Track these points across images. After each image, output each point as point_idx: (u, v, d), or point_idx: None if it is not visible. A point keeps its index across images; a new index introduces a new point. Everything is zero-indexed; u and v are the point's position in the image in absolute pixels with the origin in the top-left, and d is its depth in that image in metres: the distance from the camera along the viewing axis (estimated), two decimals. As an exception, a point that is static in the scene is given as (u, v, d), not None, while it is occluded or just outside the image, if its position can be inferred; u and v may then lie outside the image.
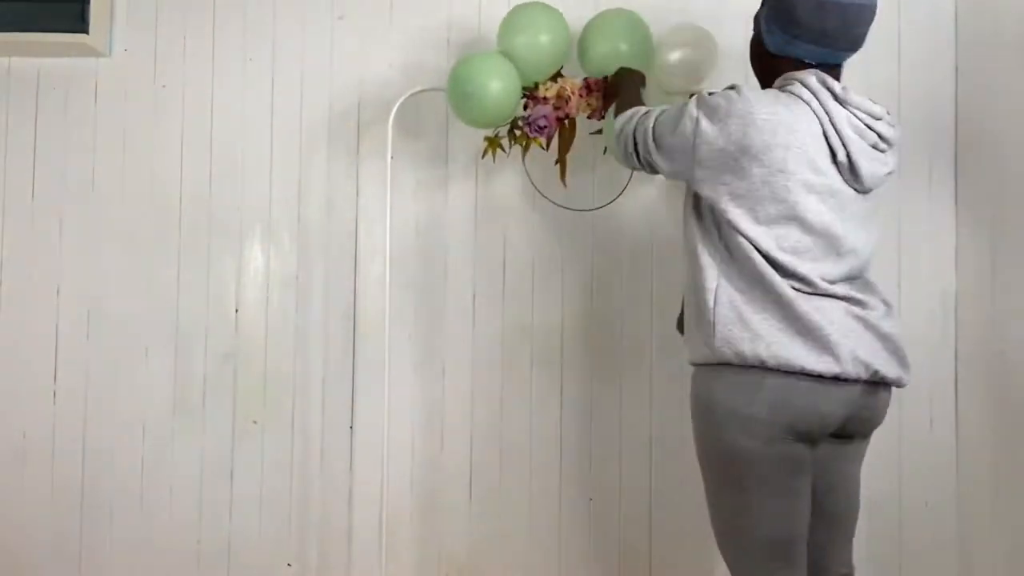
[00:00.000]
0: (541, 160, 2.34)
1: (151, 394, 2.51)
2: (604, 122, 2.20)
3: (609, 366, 2.46)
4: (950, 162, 2.41)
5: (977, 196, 2.35)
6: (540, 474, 2.47)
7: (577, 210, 2.41)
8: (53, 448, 2.51)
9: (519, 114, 2.22)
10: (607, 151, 2.26)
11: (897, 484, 2.40)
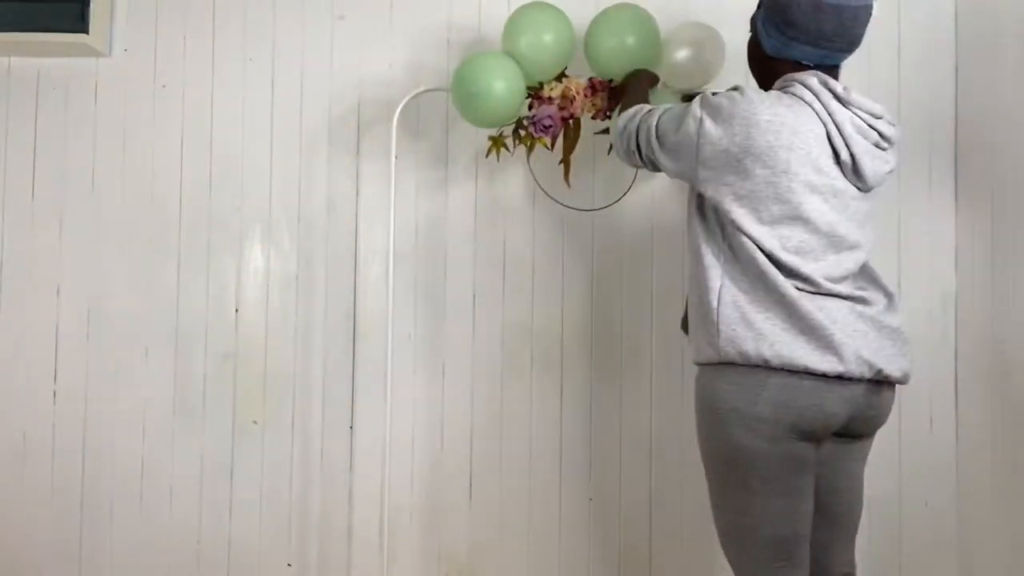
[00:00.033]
0: (544, 160, 2.34)
1: (151, 394, 2.51)
2: (611, 122, 2.20)
3: (609, 366, 2.46)
4: (950, 162, 2.42)
5: (977, 196, 2.35)
6: (540, 474, 2.47)
7: (582, 210, 2.41)
8: (53, 448, 2.51)
9: (524, 114, 2.22)
10: (612, 151, 2.26)
11: (897, 484, 2.40)
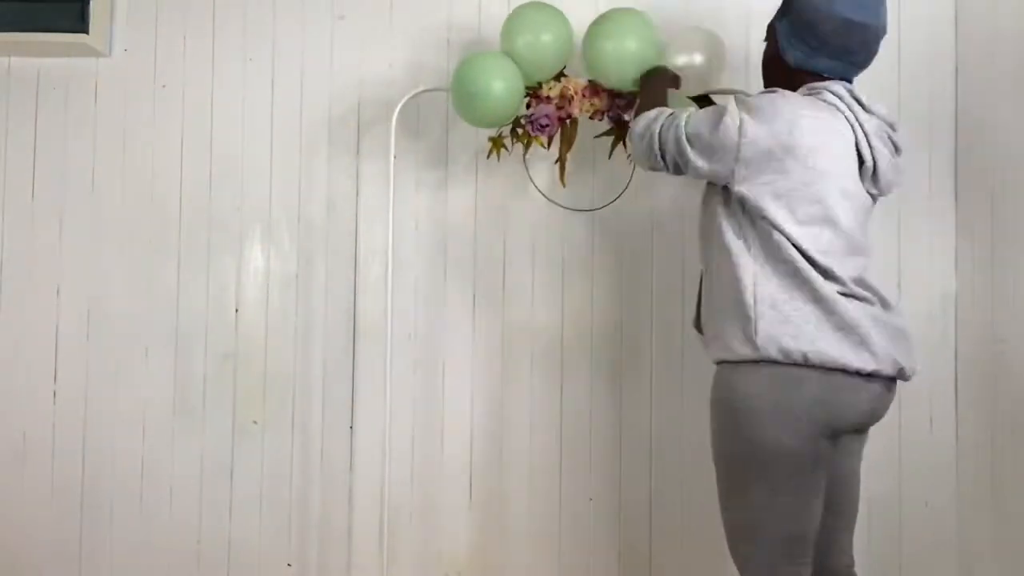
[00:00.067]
0: (543, 160, 2.34)
1: (151, 394, 2.51)
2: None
3: (609, 366, 2.46)
4: (950, 162, 2.42)
5: (977, 196, 2.35)
6: (540, 474, 2.47)
7: (579, 210, 2.41)
8: (53, 448, 2.51)
9: (522, 113, 2.22)
10: (612, 154, 2.26)
11: (897, 484, 2.40)
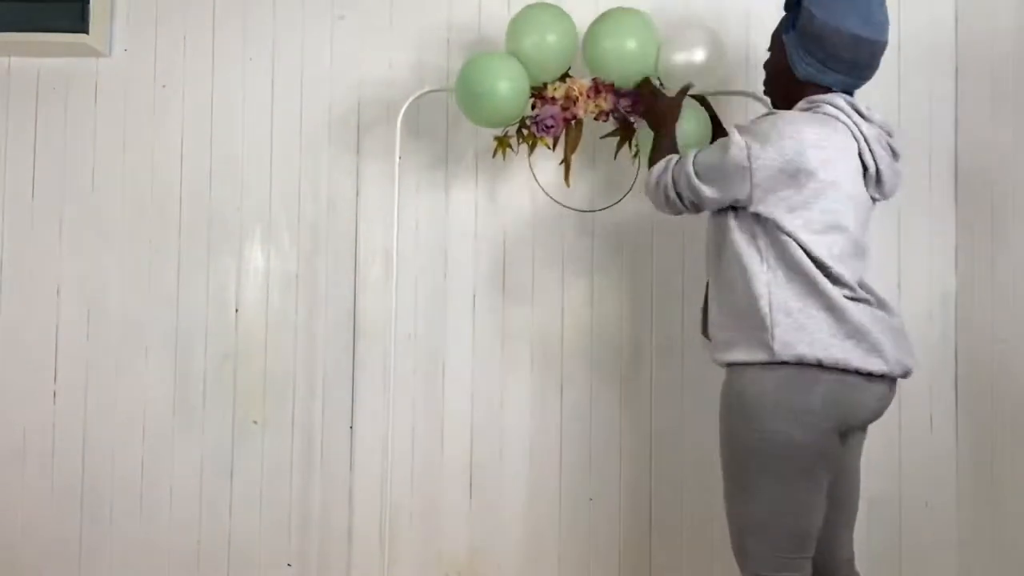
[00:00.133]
0: (546, 160, 2.34)
1: (151, 394, 2.51)
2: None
3: (609, 366, 2.46)
4: (950, 162, 2.42)
5: (977, 196, 2.35)
6: (540, 474, 2.47)
7: (584, 211, 2.41)
8: (53, 448, 2.51)
9: (527, 114, 2.22)
10: (617, 154, 2.26)
11: (897, 484, 2.40)
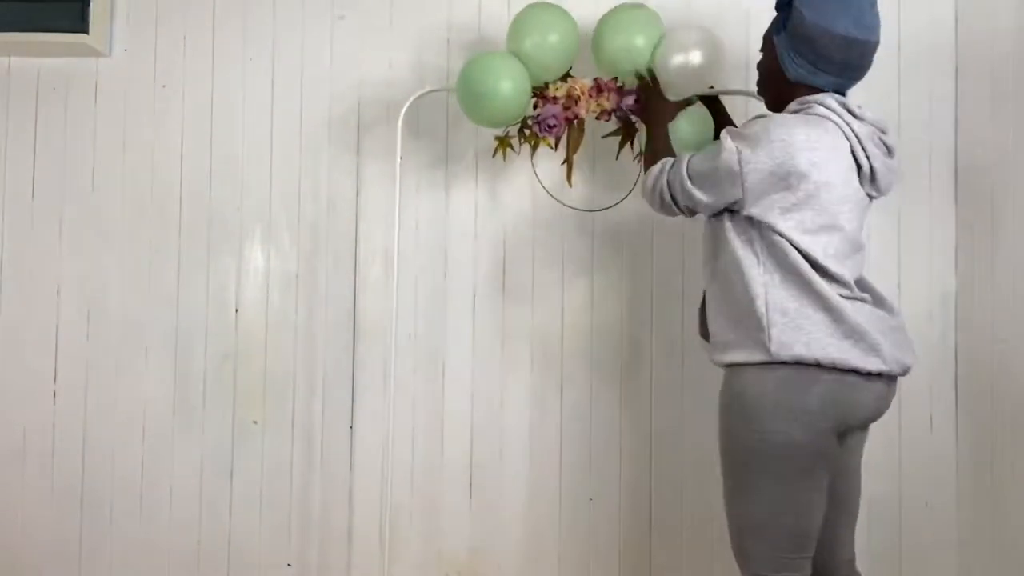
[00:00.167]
0: (547, 160, 2.34)
1: (151, 394, 2.51)
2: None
3: (609, 366, 2.46)
4: (950, 162, 2.42)
5: (977, 196, 2.35)
6: (540, 474, 2.47)
7: (584, 210, 2.41)
8: (53, 448, 2.51)
9: (529, 113, 2.22)
10: (619, 155, 2.26)
11: (897, 484, 2.40)
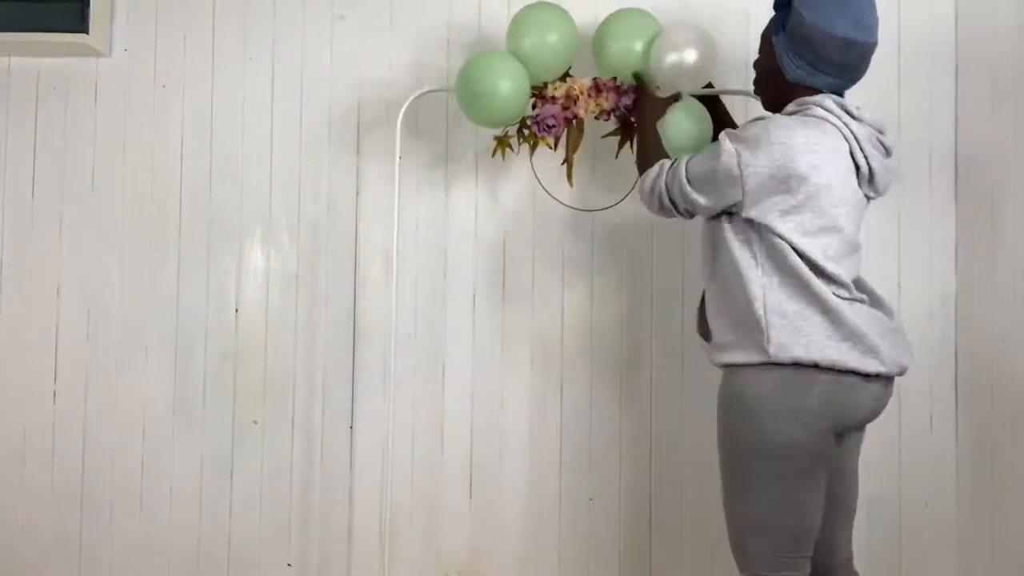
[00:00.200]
0: (546, 160, 2.34)
1: (151, 394, 2.51)
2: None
3: (609, 366, 2.46)
4: (950, 162, 2.42)
5: (977, 196, 2.35)
6: (540, 474, 2.47)
7: (584, 210, 2.41)
8: (53, 448, 2.51)
9: (528, 113, 2.22)
10: (618, 154, 2.26)
11: (897, 484, 2.40)
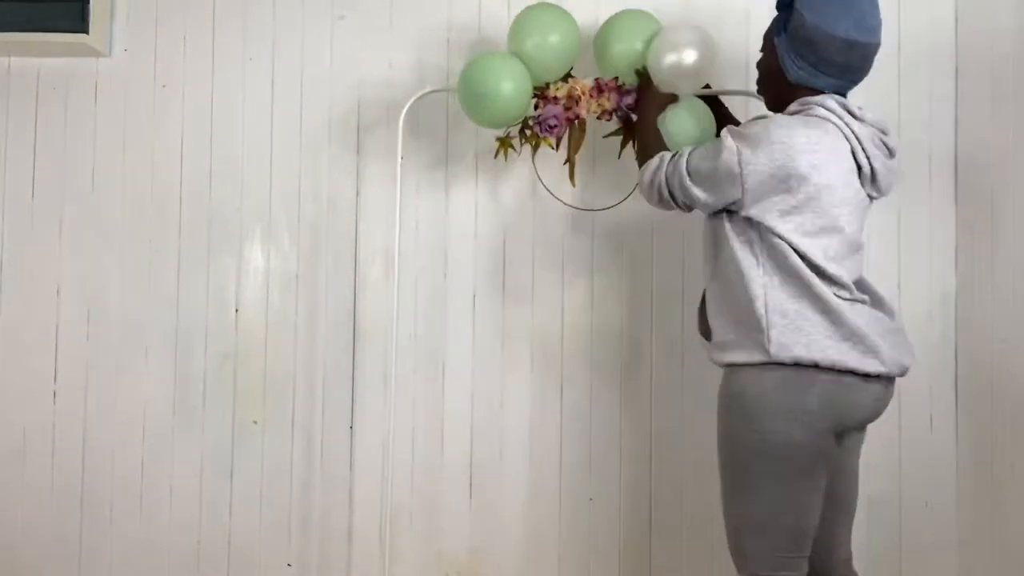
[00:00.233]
0: (547, 160, 2.34)
1: (151, 394, 2.51)
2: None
3: (609, 366, 2.46)
4: (950, 162, 2.42)
5: (977, 196, 2.35)
6: (540, 474, 2.47)
7: (585, 210, 2.41)
8: (53, 447, 2.51)
9: (530, 114, 2.22)
10: (621, 154, 2.26)
11: (897, 484, 2.40)
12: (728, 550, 1.82)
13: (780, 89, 1.87)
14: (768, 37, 1.91)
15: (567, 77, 2.21)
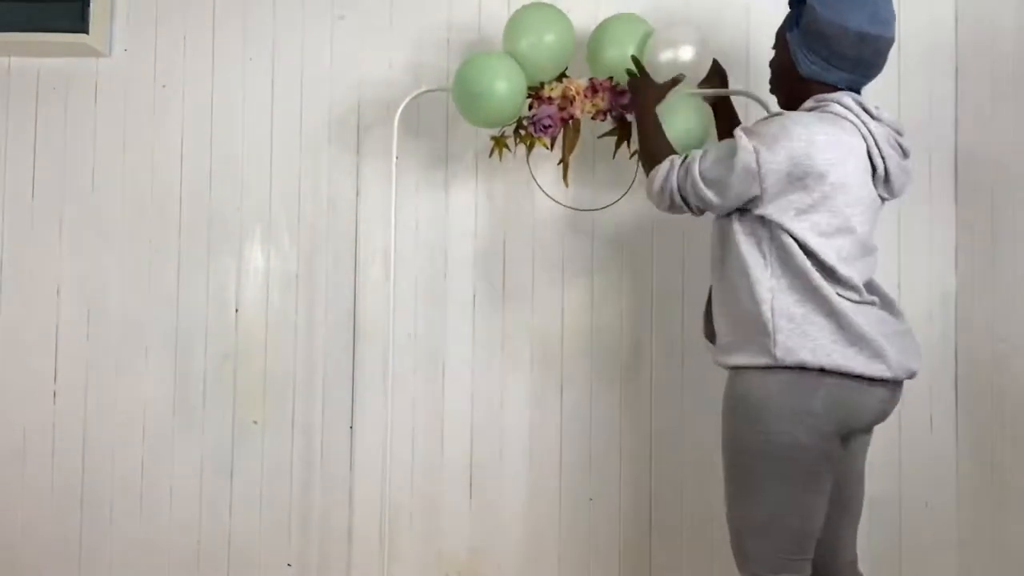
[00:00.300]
0: (545, 160, 2.34)
1: (151, 394, 2.51)
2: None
3: (609, 366, 2.46)
4: (950, 162, 2.42)
5: (977, 196, 2.35)
6: (540, 474, 2.47)
7: (582, 210, 2.41)
8: (53, 448, 2.51)
9: (524, 114, 2.22)
10: (615, 154, 2.25)
11: (897, 484, 2.40)
12: (730, 550, 1.81)
13: (793, 85, 1.85)
14: (780, 34, 1.89)
15: (562, 77, 2.21)
